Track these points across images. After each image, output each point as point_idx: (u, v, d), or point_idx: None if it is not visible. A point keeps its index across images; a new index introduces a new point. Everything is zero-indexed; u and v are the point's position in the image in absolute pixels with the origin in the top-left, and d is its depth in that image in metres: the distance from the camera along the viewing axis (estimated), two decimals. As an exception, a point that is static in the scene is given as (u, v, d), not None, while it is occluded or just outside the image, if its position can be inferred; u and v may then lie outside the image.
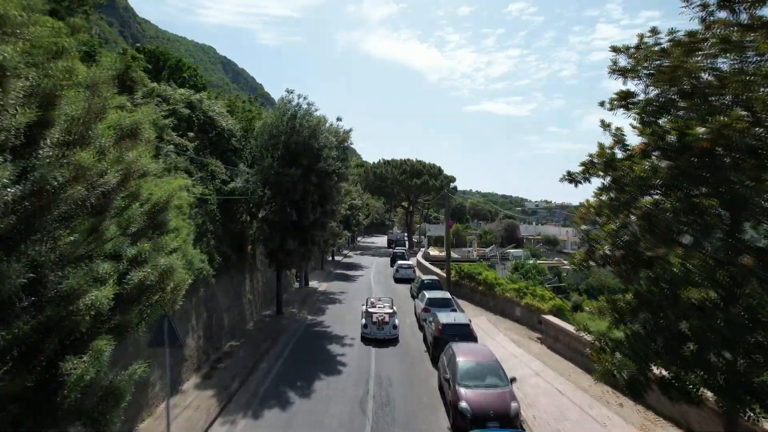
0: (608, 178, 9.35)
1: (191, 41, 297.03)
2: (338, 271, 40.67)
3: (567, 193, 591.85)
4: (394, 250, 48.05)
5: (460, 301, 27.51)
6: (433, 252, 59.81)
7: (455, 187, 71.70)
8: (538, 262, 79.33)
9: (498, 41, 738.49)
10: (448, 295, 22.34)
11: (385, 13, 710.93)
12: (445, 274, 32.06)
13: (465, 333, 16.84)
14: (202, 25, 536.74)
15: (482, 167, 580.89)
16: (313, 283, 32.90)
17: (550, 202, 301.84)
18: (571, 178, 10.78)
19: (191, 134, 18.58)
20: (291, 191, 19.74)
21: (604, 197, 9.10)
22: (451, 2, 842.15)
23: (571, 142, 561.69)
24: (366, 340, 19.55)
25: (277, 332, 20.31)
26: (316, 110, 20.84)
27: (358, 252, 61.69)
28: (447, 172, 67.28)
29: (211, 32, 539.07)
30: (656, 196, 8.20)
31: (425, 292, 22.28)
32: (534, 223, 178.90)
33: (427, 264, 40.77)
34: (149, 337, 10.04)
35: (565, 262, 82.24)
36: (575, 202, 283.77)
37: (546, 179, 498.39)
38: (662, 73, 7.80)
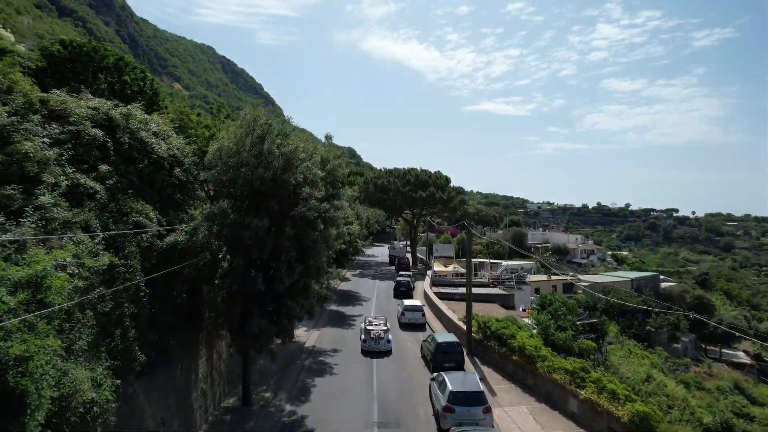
0: None
1: (190, 41, 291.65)
2: (332, 308, 34.44)
3: (568, 194, 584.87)
4: (398, 278, 41.76)
5: (485, 369, 21.40)
6: (438, 267, 53.98)
7: (463, 200, 65.52)
8: (553, 277, 73.46)
9: (497, 41, 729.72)
10: (479, 384, 16.13)
11: (383, 13, 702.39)
12: (461, 323, 25.95)
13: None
14: (201, 25, 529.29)
15: (482, 167, 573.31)
16: (300, 332, 26.70)
17: (553, 203, 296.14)
18: None
19: (105, 167, 12.44)
20: (256, 248, 13.60)
21: None
22: (449, 2, 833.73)
23: (570, 142, 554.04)
24: (365, 352, 23.53)
25: (236, 449, 14.16)
26: (294, 129, 14.71)
27: (357, 272, 55.50)
28: (446, 172, 60.87)
29: (211, 32, 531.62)
30: None
31: (446, 379, 16.10)
32: (540, 228, 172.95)
33: (436, 300, 34.60)
34: None
35: (580, 276, 76.19)
36: (578, 204, 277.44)
37: (547, 180, 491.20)
38: None
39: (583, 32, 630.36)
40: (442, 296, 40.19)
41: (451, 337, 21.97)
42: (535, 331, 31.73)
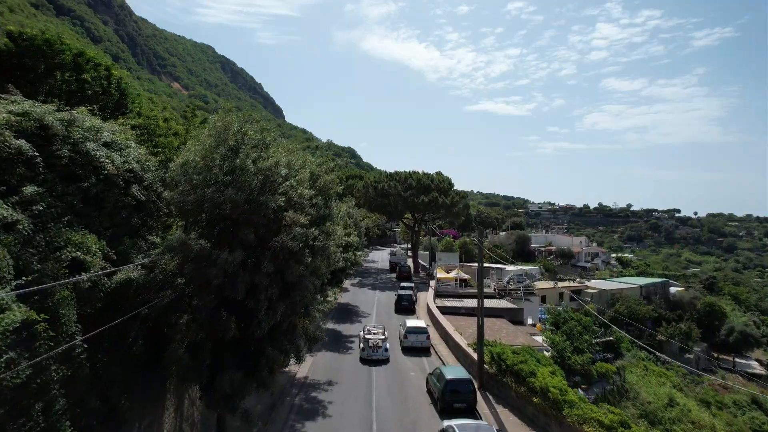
0: None
1: (190, 41, 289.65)
2: (329, 326, 31.77)
3: (569, 194, 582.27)
4: (400, 292, 39.10)
5: (500, 410, 18.76)
6: (441, 274, 51.53)
7: (467, 204, 62.91)
8: (560, 285, 70.90)
9: (497, 40, 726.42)
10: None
11: (383, 12, 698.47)
12: (471, 351, 23.35)
13: None
14: (201, 24, 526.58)
15: (483, 167, 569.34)
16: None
17: (554, 203, 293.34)
18: None
19: (31, 189, 9.81)
20: (227, 287, 10.97)
21: None
22: (449, 1, 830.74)
23: (570, 142, 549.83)
24: (363, 360, 24.42)
25: None
26: (275, 139, 12.07)
27: (356, 281, 52.84)
28: (446, 172, 58.76)
29: (210, 31, 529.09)
30: None
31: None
32: (543, 230, 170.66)
33: (440, 318, 31.98)
34: None
35: (588, 282, 73.44)
36: (579, 205, 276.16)
37: (547, 180, 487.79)
38: None
39: (583, 32, 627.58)
40: (447, 311, 37.58)
41: (460, 372, 19.34)
42: (549, 354, 29.16)
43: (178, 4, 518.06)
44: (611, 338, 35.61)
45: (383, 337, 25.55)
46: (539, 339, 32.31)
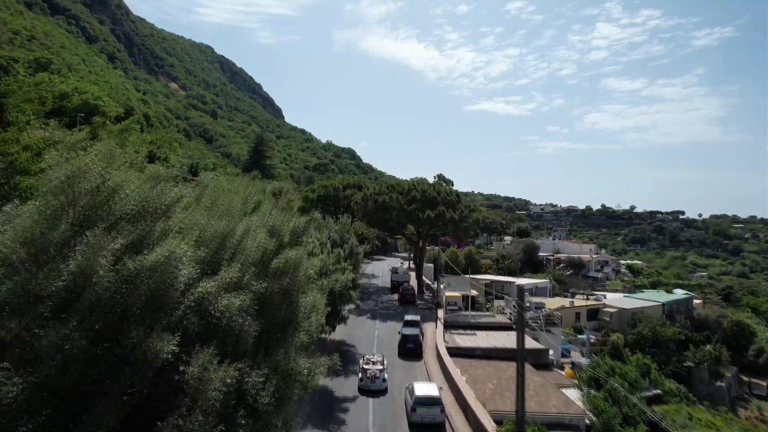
0: None
1: (188, 40, 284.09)
2: (319, 382, 25.85)
3: (571, 195, 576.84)
4: (404, 331, 32.95)
5: None
6: (448, 293, 46.42)
7: (477, 219, 57.12)
8: (576, 303, 65.09)
9: (497, 40, 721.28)
10: None
11: (383, 12, 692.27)
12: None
13: None
14: (199, 24, 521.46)
15: (483, 167, 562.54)
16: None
17: (556, 205, 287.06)
18: None
19: None
20: None
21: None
22: (449, 0, 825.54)
23: (570, 141, 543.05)
24: (362, 391, 24.53)
25: None
26: (184, 197, 6.21)
27: (353, 305, 46.88)
28: (447, 173, 53.81)
29: (209, 31, 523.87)
30: None
31: None
32: (546, 232, 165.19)
33: (453, 372, 26.18)
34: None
35: (604, 299, 67.41)
36: (581, 206, 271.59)
37: (549, 180, 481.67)
38: None
39: (583, 31, 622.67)
40: (459, 352, 31.77)
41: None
42: (595, 421, 23.41)
43: (177, 4, 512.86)
44: (659, 391, 29.81)
45: (382, 367, 25.37)
46: (574, 395, 26.48)
